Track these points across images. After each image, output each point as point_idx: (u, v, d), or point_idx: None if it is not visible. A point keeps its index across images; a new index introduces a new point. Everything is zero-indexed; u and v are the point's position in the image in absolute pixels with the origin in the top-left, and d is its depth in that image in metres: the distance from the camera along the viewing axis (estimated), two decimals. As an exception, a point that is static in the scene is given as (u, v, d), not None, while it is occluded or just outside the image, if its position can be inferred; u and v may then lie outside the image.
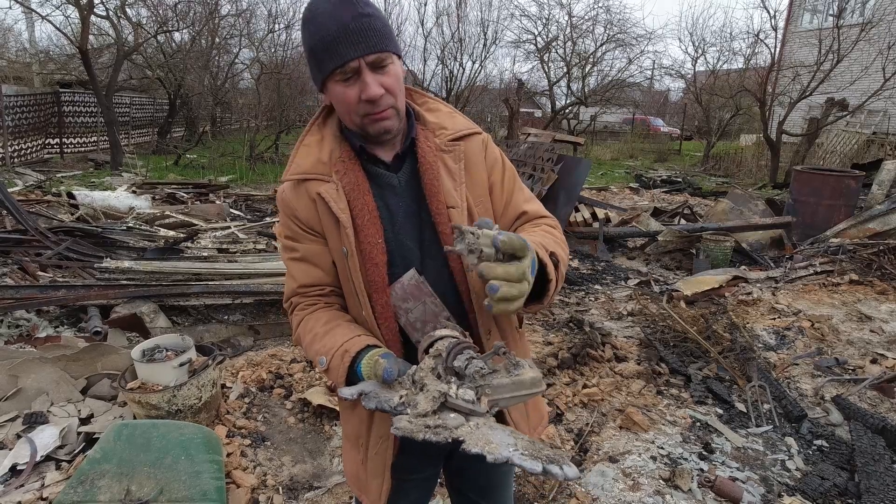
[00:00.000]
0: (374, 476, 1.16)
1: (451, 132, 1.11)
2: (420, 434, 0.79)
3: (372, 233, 1.04)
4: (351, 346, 1.01)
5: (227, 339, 3.83)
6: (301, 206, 1.08)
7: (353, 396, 0.94)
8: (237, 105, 15.04)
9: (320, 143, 1.10)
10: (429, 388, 0.85)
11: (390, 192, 1.08)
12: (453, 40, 16.61)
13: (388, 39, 0.97)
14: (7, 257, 4.56)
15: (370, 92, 0.96)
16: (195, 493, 1.93)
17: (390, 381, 0.91)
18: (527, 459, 0.73)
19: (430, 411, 0.82)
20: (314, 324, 1.10)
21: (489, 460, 0.75)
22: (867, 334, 3.72)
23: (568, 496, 2.27)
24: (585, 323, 3.93)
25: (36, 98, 11.64)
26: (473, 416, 0.83)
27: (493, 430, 0.81)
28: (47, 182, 9.01)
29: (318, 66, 0.98)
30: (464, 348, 0.89)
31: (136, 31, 12.86)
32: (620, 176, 13.64)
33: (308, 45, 0.98)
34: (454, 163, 1.09)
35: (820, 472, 2.42)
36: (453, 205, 1.06)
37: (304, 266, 1.12)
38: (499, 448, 0.76)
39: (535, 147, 7.25)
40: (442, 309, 1.07)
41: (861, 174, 6.70)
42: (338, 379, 1.01)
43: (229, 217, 7.16)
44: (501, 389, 0.86)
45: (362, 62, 0.95)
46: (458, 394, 0.84)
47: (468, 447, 0.77)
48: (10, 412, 2.52)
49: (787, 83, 12.85)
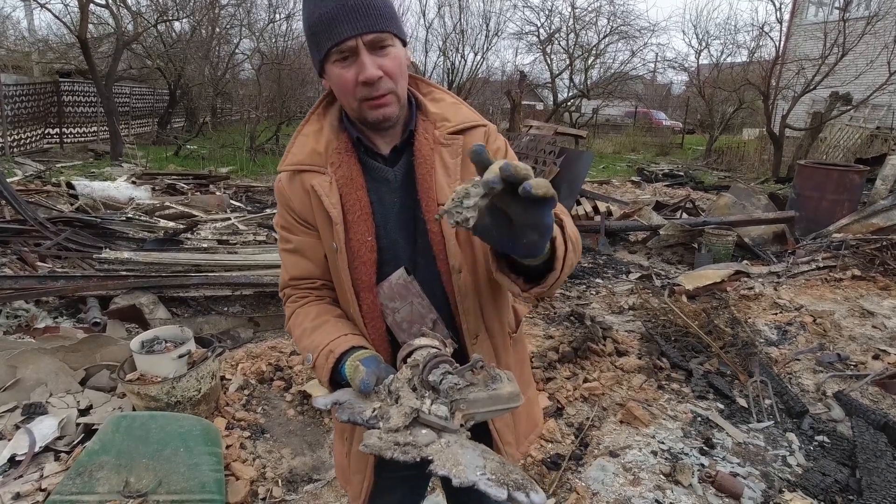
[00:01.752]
0: (356, 472, 1.15)
1: (453, 124, 1.06)
2: (388, 452, 0.77)
3: (362, 230, 1.01)
4: (336, 346, 0.99)
5: (226, 331, 3.82)
6: (296, 197, 1.06)
7: (327, 406, 0.91)
8: (238, 96, 14.94)
9: (318, 133, 1.06)
10: (402, 402, 0.83)
11: (385, 187, 1.04)
12: (455, 31, 16.53)
13: (389, 19, 0.93)
14: (6, 247, 4.55)
15: (367, 73, 0.91)
16: (194, 486, 1.93)
17: (367, 392, 0.88)
18: (493, 486, 0.72)
19: (401, 426, 0.80)
20: (303, 318, 1.08)
21: (455, 484, 0.73)
22: (869, 330, 3.71)
23: (568, 491, 2.26)
24: (586, 317, 3.91)
25: (35, 87, 11.58)
26: (446, 433, 0.81)
27: (463, 448, 0.79)
28: (47, 172, 8.97)
29: (316, 46, 0.95)
30: (440, 362, 0.86)
31: (136, 19, 12.76)
32: (622, 169, 13.58)
33: (307, 24, 0.95)
34: (451, 157, 1.04)
35: (821, 468, 2.42)
36: (444, 202, 1.00)
37: (296, 258, 1.10)
38: (465, 471, 0.74)
39: (537, 140, 7.21)
40: (430, 310, 1.05)
41: (865, 169, 6.65)
42: (322, 378, 1.00)
43: (229, 208, 7.13)
44: (477, 404, 0.84)
45: (360, 41, 0.91)
46: (431, 409, 0.81)
47: (435, 468, 0.75)
48: (9, 403, 2.51)
49: (791, 77, 12.76)
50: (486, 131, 1.09)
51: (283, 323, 1.17)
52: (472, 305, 1.05)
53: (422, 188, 1.01)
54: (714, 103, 16.95)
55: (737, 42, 24.29)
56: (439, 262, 1.04)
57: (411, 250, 1.05)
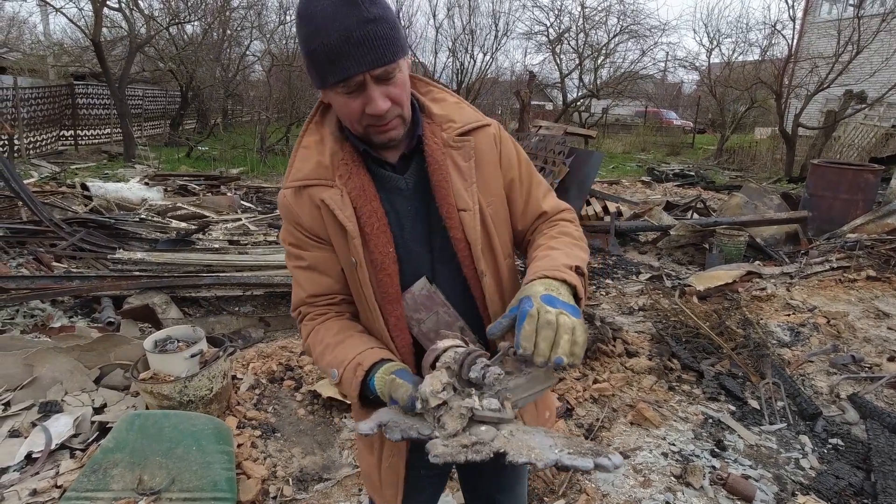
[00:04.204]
0: (388, 485, 1.15)
1: (460, 125, 1.04)
2: (461, 456, 0.76)
3: (382, 242, 0.98)
4: (364, 359, 0.96)
5: (237, 331, 3.86)
6: (304, 213, 1.01)
7: (374, 431, 0.87)
8: (248, 97, 15.08)
9: (320, 144, 1.02)
10: (452, 406, 0.82)
11: (398, 196, 1.02)
12: (465, 32, 16.52)
13: (396, 47, 0.88)
14: (23, 248, 4.62)
15: (376, 108, 0.88)
16: (206, 484, 1.95)
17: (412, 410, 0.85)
18: (576, 458, 0.72)
19: (459, 430, 0.80)
20: (325, 334, 1.05)
21: (540, 467, 0.74)
22: (884, 331, 3.65)
23: (578, 492, 2.25)
24: (596, 317, 3.89)
25: (51, 90, 11.76)
26: (503, 424, 0.82)
27: (527, 433, 0.80)
28: (62, 173, 9.11)
29: (317, 73, 0.90)
30: (476, 357, 0.85)
31: (148, 23, 12.92)
32: (632, 169, 13.50)
33: (305, 48, 0.88)
34: (464, 160, 1.02)
35: (835, 471, 2.39)
36: (464, 207, 1.00)
37: (313, 275, 1.06)
38: (543, 453, 0.75)
39: (547, 140, 7.19)
40: (456, 318, 1.04)
41: (880, 168, 6.55)
42: (350, 392, 0.97)
43: (240, 209, 7.19)
44: (519, 390, 0.85)
45: (367, 76, 0.86)
46: (483, 405, 0.82)
47: (513, 458, 0.75)
48: (26, 401, 2.55)
49: (804, 75, 12.60)
50: (494, 132, 1.08)
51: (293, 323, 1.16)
52: (499, 309, 1.05)
53: (439, 195, 0.99)
54: (725, 102, 16.80)
55: (749, 40, 24.03)
56: (465, 267, 1.03)
57: (430, 259, 1.04)
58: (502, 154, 1.09)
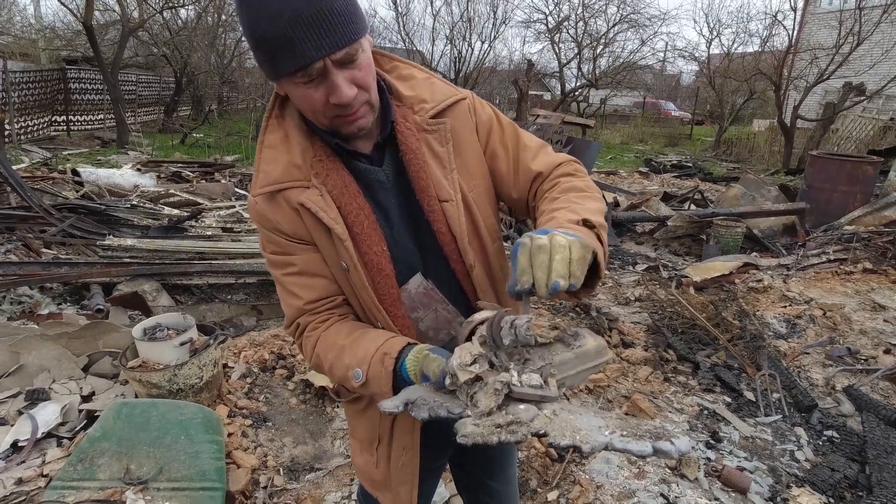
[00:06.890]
0: (401, 483, 1.10)
1: (432, 105, 0.95)
2: (493, 437, 0.67)
3: (375, 240, 0.91)
4: (389, 347, 0.88)
5: (229, 319, 3.81)
6: (283, 219, 0.92)
7: (399, 409, 0.78)
8: (244, 84, 14.88)
9: (286, 141, 0.92)
10: (486, 381, 0.73)
11: (380, 189, 0.94)
12: (462, 20, 16.34)
13: (357, 24, 0.78)
14: (11, 234, 4.55)
15: (342, 97, 0.80)
16: (195, 473, 1.91)
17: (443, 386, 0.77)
18: (630, 441, 0.63)
19: (494, 407, 0.70)
20: (335, 338, 0.95)
21: (585, 450, 0.65)
22: (881, 324, 3.64)
23: (572, 483, 2.23)
24: (592, 308, 3.87)
25: (42, 75, 11.58)
26: (546, 403, 0.72)
27: (573, 413, 0.70)
28: (53, 159, 8.99)
29: (269, 63, 0.79)
30: (502, 317, 0.76)
31: (141, 6, 12.71)
32: (630, 160, 13.45)
33: (251, 36, 0.77)
34: (440, 146, 0.95)
35: (830, 463, 2.38)
36: (446, 198, 0.94)
37: (307, 279, 0.96)
38: (590, 435, 0.65)
39: (545, 129, 7.13)
40: (455, 314, 1.00)
41: (878, 160, 6.54)
42: (381, 388, 0.87)
43: (234, 196, 7.11)
44: (566, 366, 0.75)
45: (328, 62, 0.77)
46: (522, 381, 0.72)
47: (555, 440, 0.66)
48: (12, 388, 2.51)
49: (803, 66, 12.54)
50: (468, 105, 1.00)
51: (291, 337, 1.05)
52: (491, 301, 1.01)
53: (419, 187, 0.93)
54: (724, 93, 16.72)
55: (749, 31, 23.93)
56: (452, 261, 0.98)
57: (420, 254, 0.98)
58: (478, 124, 1.01)
